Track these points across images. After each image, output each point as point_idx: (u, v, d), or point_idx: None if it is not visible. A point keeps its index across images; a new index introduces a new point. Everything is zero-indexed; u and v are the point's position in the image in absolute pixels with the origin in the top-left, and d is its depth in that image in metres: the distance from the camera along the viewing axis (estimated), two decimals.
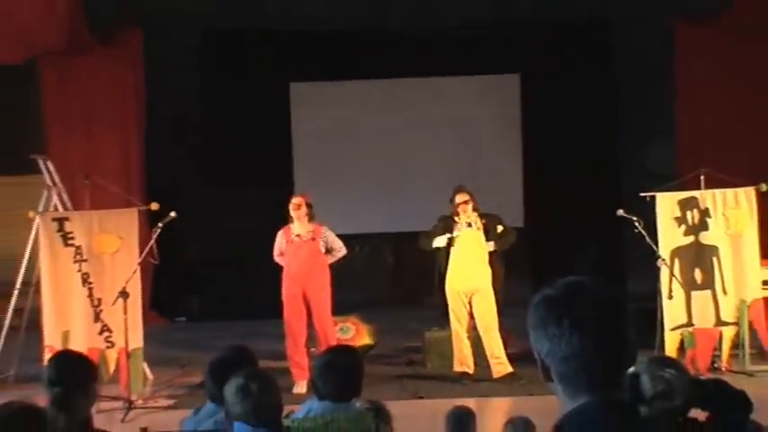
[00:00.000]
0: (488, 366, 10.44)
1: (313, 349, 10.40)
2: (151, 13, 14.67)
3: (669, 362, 3.88)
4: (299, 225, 10.42)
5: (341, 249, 10.57)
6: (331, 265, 10.54)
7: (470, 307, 10.53)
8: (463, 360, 10.53)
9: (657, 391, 3.42)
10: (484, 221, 10.59)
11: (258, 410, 4.44)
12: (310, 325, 10.41)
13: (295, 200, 10.50)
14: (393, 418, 6.01)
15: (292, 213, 10.43)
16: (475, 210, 10.55)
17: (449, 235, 10.50)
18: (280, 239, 10.54)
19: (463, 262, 10.52)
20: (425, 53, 16.25)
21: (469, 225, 10.52)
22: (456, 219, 10.56)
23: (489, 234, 10.57)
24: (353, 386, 5.21)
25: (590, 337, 2.24)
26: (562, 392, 2.31)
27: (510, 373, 10.31)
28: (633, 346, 2.38)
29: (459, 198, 10.53)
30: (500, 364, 10.39)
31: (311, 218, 10.44)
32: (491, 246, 10.56)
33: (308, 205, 10.41)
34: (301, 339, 10.35)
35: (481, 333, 10.47)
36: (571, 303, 2.27)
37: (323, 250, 10.46)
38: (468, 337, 10.54)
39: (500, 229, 10.65)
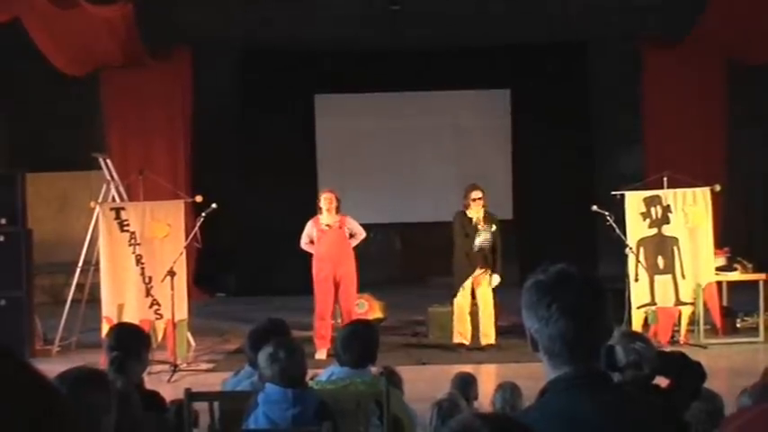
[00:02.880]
0: (479, 336, 10.51)
1: (333, 322, 10.42)
2: (200, 34, 14.65)
3: (639, 336, 3.90)
4: (327, 216, 10.37)
5: (362, 233, 10.61)
6: (354, 248, 10.57)
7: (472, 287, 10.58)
8: (462, 333, 10.55)
9: (629, 361, 3.44)
10: (485, 220, 10.59)
11: (285, 374, 4.44)
12: (335, 301, 10.43)
13: (327, 195, 10.45)
14: (401, 380, 6.05)
15: (323, 206, 10.37)
16: (483, 206, 10.54)
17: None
18: (309, 229, 10.49)
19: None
20: (431, 70, 16.21)
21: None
22: (467, 213, 10.52)
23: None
24: (370, 355, 5.23)
25: (573, 321, 2.24)
26: (547, 363, 2.32)
27: (491, 345, 10.43)
28: (609, 328, 2.40)
29: (475, 194, 10.49)
30: (485, 336, 10.49)
31: (338, 210, 10.43)
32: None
33: (338, 200, 10.42)
34: (328, 314, 10.35)
35: (480, 310, 10.51)
36: (559, 291, 2.25)
37: (348, 236, 10.49)
38: (469, 313, 10.57)
39: (493, 228, 10.64)
